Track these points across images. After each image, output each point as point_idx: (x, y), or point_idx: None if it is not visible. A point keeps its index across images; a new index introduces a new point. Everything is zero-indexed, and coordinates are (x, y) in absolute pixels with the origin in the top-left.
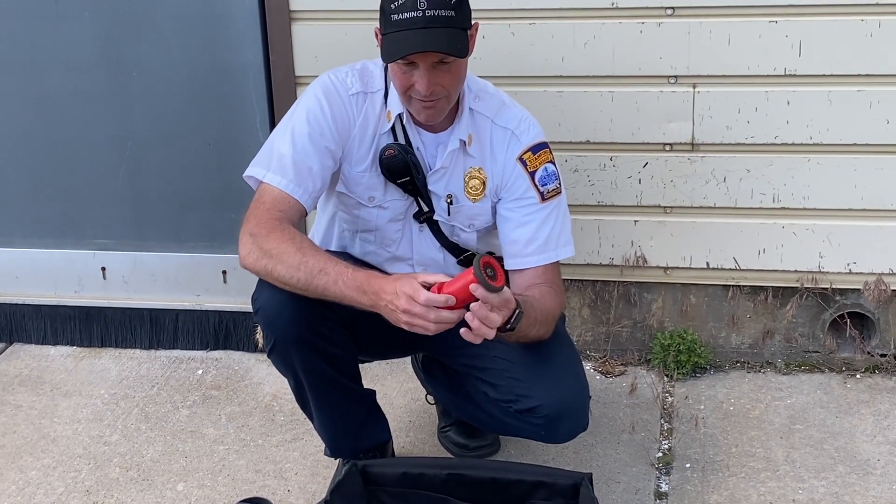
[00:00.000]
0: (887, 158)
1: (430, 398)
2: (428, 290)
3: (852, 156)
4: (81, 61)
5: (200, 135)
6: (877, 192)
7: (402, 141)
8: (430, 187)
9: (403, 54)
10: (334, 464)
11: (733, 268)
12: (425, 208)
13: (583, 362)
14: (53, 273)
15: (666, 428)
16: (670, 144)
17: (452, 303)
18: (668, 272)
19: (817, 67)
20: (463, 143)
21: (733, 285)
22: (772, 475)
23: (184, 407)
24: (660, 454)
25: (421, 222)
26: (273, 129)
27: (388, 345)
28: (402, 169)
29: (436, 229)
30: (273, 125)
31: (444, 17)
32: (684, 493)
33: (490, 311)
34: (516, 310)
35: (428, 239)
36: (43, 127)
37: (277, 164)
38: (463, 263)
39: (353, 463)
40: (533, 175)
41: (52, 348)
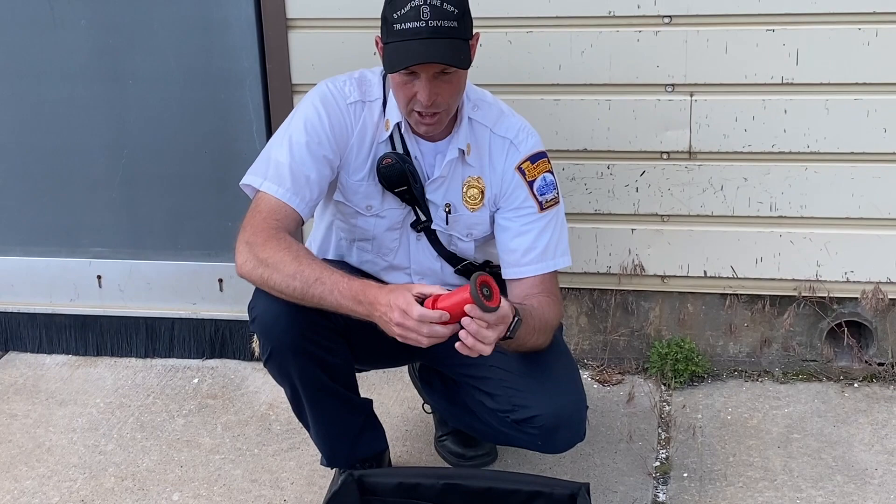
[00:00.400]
0: (885, 167)
1: (427, 407)
2: (422, 303)
3: (850, 164)
4: (77, 69)
5: (196, 143)
6: (874, 201)
7: (400, 150)
8: (428, 196)
9: (406, 65)
10: (330, 473)
11: (731, 276)
12: (423, 217)
13: (580, 371)
14: (49, 281)
15: (663, 437)
16: (667, 153)
17: (446, 318)
18: (665, 281)
19: (815, 76)
20: (461, 152)
21: (731, 294)
22: (769, 485)
23: (179, 416)
24: (657, 463)
25: (418, 231)
26: (270, 138)
27: (385, 354)
28: (400, 178)
29: (433, 238)
30: (270, 133)
31: (447, 28)
32: (682, 503)
33: (485, 329)
34: (514, 318)
35: (425, 248)
36: (39, 135)
37: (274, 172)
38: (461, 273)
39: (349, 472)
40: (531, 184)
41: (47, 357)
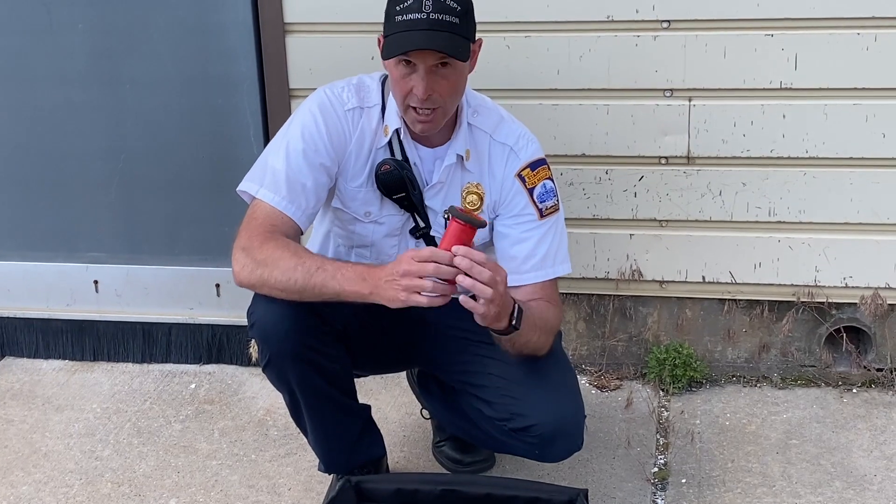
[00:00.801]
0: (883, 172)
1: (425, 413)
2: None
3: (848, 169)
4: (74, 73)
5: (194, 147)
6: (873, 206)
7: (398, 156)
8: (426, 202)
9: (404, 50)
10: (328, 479)
11: (729, 282)
12: (421, 224)
13: (578, 377)
14: (46, 286)
15: (662, 443)
16: (666, 158)
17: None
18: (663, 286)
19: (813, 81)
20: (460, 157)
21: (729, 299)
22: (768, 491)
23: (176, 421)
24: (655, 469)
25: (417, 238)
26: (268, 143)
27: (384, 359)
28: (398, 184)
29: (432, 245)
30: (267, 138)
31: (447, 22)
32: None
33: (479, 266)
34: (515, 305)
35: None
36: (35, 139)
37: (271, 179)
38: None
39: (346, 478)
40: (531, 192)
41: (44, 362)
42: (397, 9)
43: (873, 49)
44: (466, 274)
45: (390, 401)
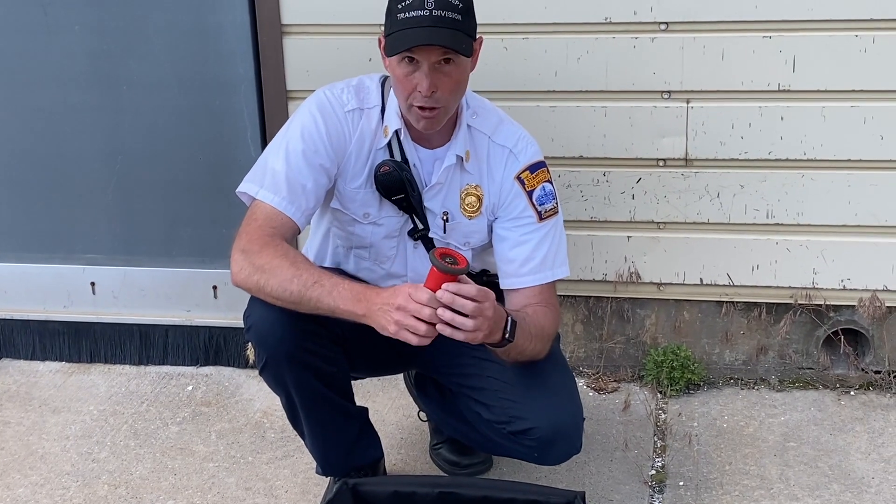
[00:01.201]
0: (881, 174)
1: (423, 415)
2: None
3: (846, 172)
4: (71, 75)
5: (191, 149)
6: (871, 208)
7: (398, 157)
8: (425, 203)
9: (407, 46)
10: (325, 482)
11: (727, 284)
12: (420, 225)
13: (576, 380)
14: (42, 288)
15: (659, 445)
16: (664, 160)
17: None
18: (661, 288)
19: (811, 83)
20: (460, 158)
21: (727, 301)
22: (766, 493)
23: (173, 423)
24: (653, 472)
25: (416, 239)
26: (265, 144)
27: (381, 362)
28: (397, 186)
29: (431, 247)
30: (265, 139)
31: (450, 19)
32: None
33: (461, 298)
34: (508, 318)
35: (423, 256)
36: (32, 141)
37: (271, 180)
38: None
39: (343, 481)
40: (531, 194)
41: (40, 364)
42: (399, 6)
43: (871, 51)
44: (447, 307)
45: (388, 403)
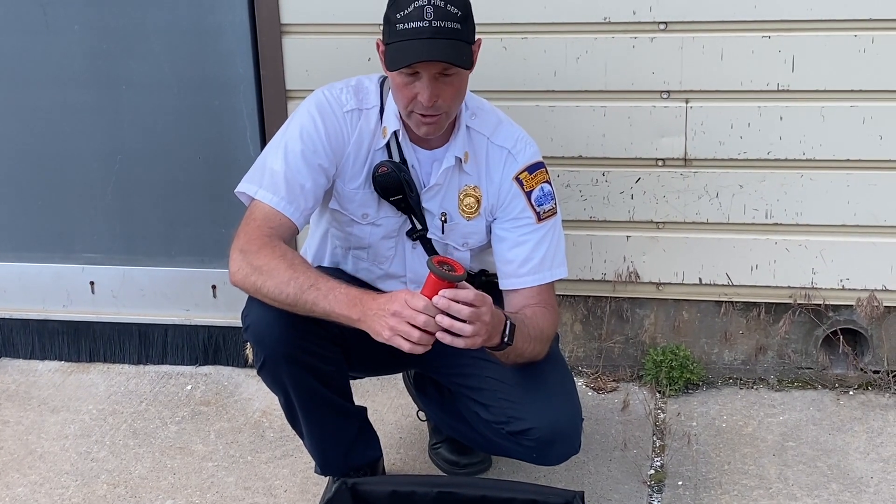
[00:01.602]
0: (880, 174)
1: (421, 415)
2: None
3: (845, 171)
4: (71, 75)
5: (190, 149)
6: (870, 208)
7: (396, 158)
8: (424, 204)
9: (409, 62)
10: (324, 481)
11: (726, 284)
12: (418, 226)
13: (575, 379)
14: (42, 287)
15: (658, 445)
16: (663, 160)
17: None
18: (660, 288)
19: (810, 83)
20: (459, 160)
21: (726, 301)
22: (764, 493)
23: (172, 423)
24: (652, 472)
25: (414, 240)
26: (265, 144)
27: (380, 361)
28: (396, 186)
29: (429, 247)
30: (264, 139)
31: (449, 29)
32: None
33: (457, 305)
34: (507, 321)
35: (421, 257)
36: (31, 141)
37: (269, 180)
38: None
39: (342, 480)
40: (529, 195)
41: (39, 363)
42: (398, 16)
43: (870, 51)
44: (445, 313)
45: (387, 402)
